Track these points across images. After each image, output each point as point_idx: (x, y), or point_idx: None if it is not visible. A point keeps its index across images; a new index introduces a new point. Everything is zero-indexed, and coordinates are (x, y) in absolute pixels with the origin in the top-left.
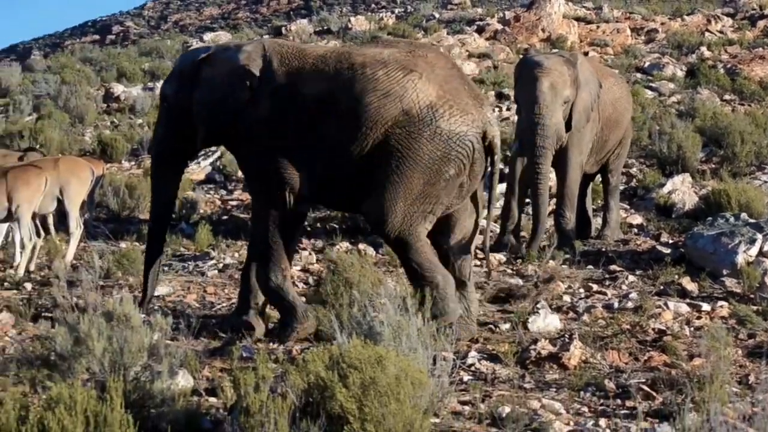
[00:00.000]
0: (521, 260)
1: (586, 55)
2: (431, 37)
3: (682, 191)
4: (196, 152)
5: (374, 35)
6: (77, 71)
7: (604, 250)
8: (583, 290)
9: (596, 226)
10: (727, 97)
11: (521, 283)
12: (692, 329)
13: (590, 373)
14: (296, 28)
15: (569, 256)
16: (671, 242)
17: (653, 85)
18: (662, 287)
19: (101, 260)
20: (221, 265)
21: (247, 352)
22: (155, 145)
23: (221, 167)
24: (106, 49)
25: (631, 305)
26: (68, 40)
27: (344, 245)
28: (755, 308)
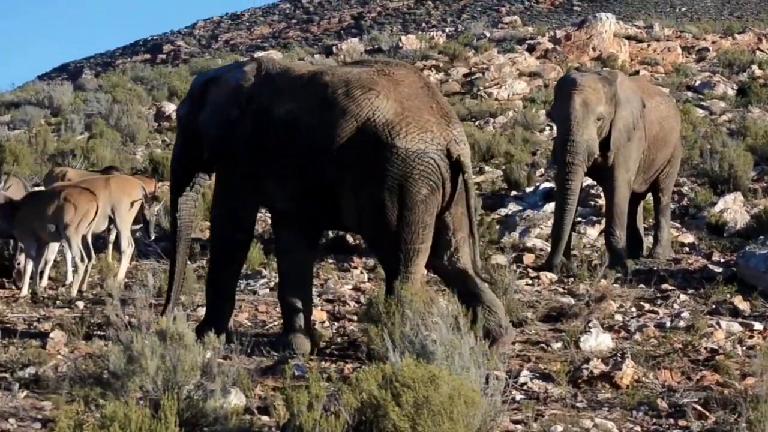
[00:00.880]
0: (573, 279)
1: (636, 73)
2: (482, 56)
3: (733, 210)
4: (207, 170)
5: (425, 54)
6: (128, 90)
7: (655, 269)
8: (634, 309)
9: (647, 245)
10: None
11: (573, 302)
12: (744, 348)
13: (643, 392)
14: (347, 47)
15: (621, 275)
16: (723, 261)
17: (704, 103)
18: (714, 306)
19: (153, 279)
20: (272, 283)
21: (299, 370)
22: (173, 163)
23: None
24: (157, 68)
25: (683, 324)
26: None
27: None
28: None
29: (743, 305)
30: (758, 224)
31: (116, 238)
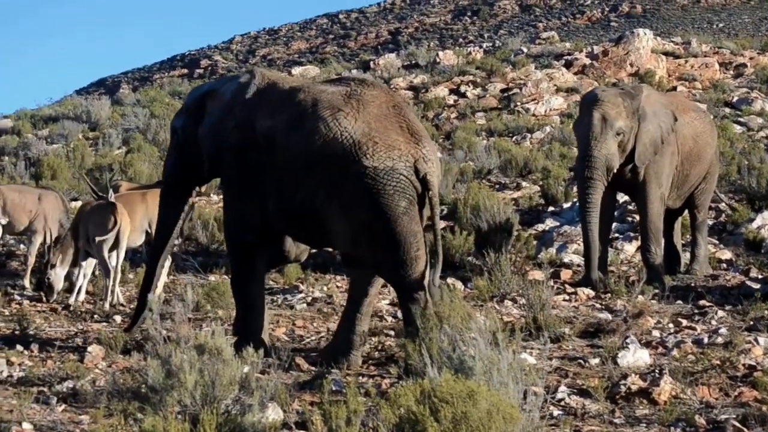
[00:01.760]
0: (610, 295)
1: (674, 89)
2: (519, 71)
3: None
4: (203, 182)
5: (462, 69)
6: (166, 105)
7: (693, 285)
8: (672, 325)
9: (685, 261)
10: None
11: (610, 317)
12: None
13: (680, 408)
14: (384, 62)
15: (658, 291)
16: (761, 277)
17: (741, 119)
18: (752, 323)
19: (191, 293)
20: (310, 298)
21: (337, 385)
22: (165, 175)
23: None
24: (194, 82)
25: (720, 340)
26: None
27: None
28: None
29: None
30: None
31: None
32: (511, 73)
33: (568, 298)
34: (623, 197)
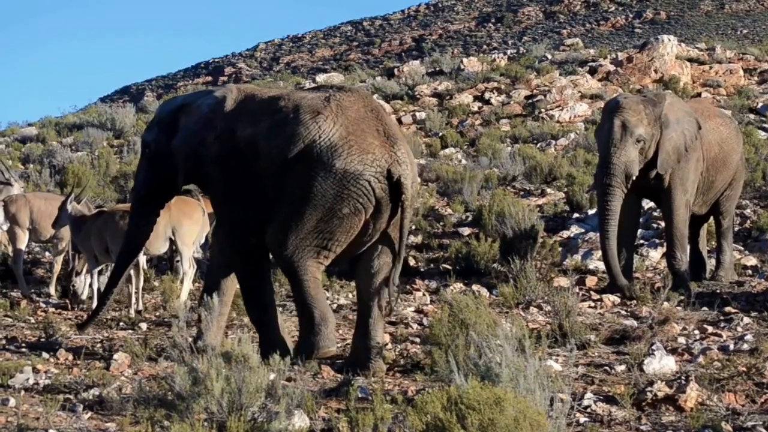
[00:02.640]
0: (635, 301)
1: (698, 95)
2: (543, 78)
3: None
4: (174, 193)
5: (487, 76)
6: None
7: (718, 291)
8: (698, 332)
9: (710, 267)
10: None
11: (636, 324)
12: None
13: (707, 415)
14: (408, 69)
15: (684, 297)
16: None
17: (766, 125)
18: None
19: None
20: (335, 305)
21: (363, 392)
22: (136, 187)
23: None
24: None
25: (746, 347)
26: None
27: (458, 286)
28: None
29: None
30: None
31: (178, 259)
32: (535, 79)
33: (593, 304)
34: (649, 203)
